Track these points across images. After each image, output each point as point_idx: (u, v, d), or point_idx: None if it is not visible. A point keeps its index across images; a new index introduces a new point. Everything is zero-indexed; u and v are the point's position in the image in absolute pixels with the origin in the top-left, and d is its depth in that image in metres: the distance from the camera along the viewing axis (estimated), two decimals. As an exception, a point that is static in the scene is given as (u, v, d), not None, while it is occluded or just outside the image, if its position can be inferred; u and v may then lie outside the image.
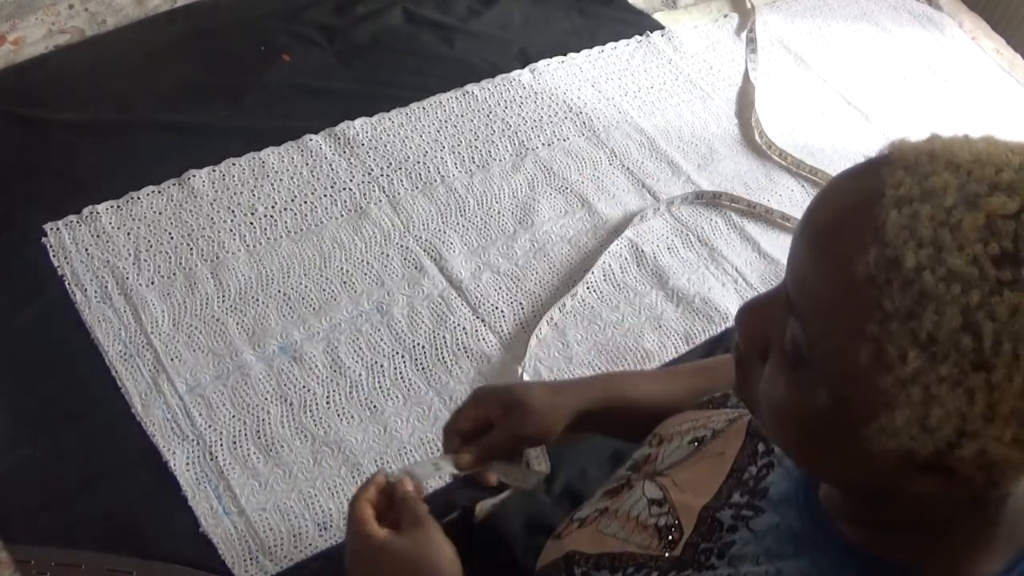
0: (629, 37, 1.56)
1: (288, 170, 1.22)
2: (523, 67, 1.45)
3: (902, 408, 0.44)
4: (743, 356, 0.54)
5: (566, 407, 0.81)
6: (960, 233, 0.42)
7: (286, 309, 1.07)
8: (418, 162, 1.27)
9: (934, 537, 0.52)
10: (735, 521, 0.62)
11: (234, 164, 1.21)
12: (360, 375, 1.03)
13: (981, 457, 0.43)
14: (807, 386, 0.48)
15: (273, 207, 1.17)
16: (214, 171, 1.19)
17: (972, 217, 0.42)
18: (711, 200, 1.32)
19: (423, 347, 1.06)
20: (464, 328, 1.09)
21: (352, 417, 0.99)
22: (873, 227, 0.43)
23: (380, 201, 1.21)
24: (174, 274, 1.08)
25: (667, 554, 0.65)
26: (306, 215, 1.17)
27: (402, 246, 1.16)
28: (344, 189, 1.21)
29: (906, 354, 0.42)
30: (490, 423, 0.79)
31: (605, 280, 1.18)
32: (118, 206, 1.13)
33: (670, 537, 0.66)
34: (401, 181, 1.24)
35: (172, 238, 1.11)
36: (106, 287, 1.05)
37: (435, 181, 1.25)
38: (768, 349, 0.52)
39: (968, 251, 0.41)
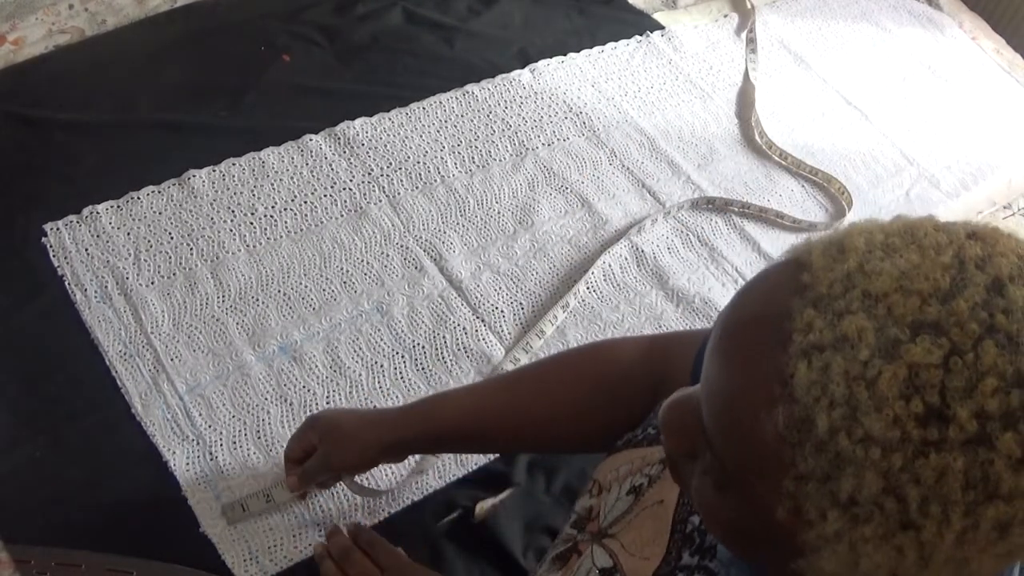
0: (629, 37, 1.56)
1: (288, 170, 1.22)
2: (523, 67, 1.45)
3: (828, 558, 0.41)
4: (670, 454, 0.51)
5: (375, 441, 0.83)
6: (877, 390, 0.37)
7: (286, 309, 1.07)
8: (418, 162, 1.27)
9: None
10: None
11: (234, 164, 1.21)
12: (360, 375, 1.03)
13: None
14: (733, 503, 0.45)
15: (273, 207, 1.17)
16: (214, 171, 1.19)
17: (891, 371, 0.37)
18: (722, 207, 1.31)
19: (423, 347, 1.07)
20: (464, 328, 1.09)
21: (352, 417, 0.99)
22: (781, 380, 0.39)
23: (380, 201, 1.21)
24: (174, 274, 1.08)
25: None
26: (306, 215, 1.17)
27: (402, 246, 1.16)
28: (344, 189, 1.21)
29: (826, 514, 0.39)
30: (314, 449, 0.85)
31: (605, 280, 1.19)
32: (118, 206, 1.13)
33: None
34: (401, 181, 1.24)
35: (172, 238, 1.12)
36: (106, 287, 1.05)
37: (435, 181, 1.25)
38: (696, 451, 0.48)
39: (887, 411, 0.37)
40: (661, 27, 1.60)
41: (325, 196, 1.20)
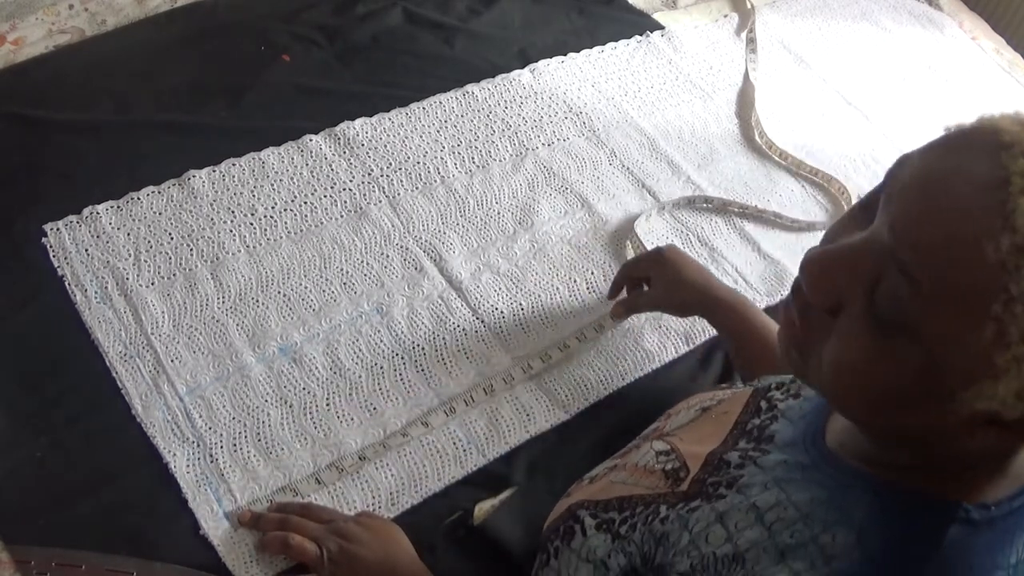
0: (629, 37, 1.56)
1: (288, 170, 1.22)
2: (523, 67, 1.45)
3: (1009, 380, 0.46)
4: (809, 310, 0.54)
5: (712, 289, 1.03)
6: None
7: (286, 310, 1.07)
8: (418, 162, 1.27)
9: (951, 474, 0.54)
10: (742, 460, 0.65)
11: (234, 164, 1.21)
12: (360, 376, 1.03)
13: None
14: (895, 348, 0.49)
15: (273, 207, 1.17)
16: (214, 171, 1.19)
17: None
18: (720, 207, 1.31)
19: (423, 348, 1.07)
20: (464, 329, 1.09)
21: (352, 419, 0.99)
22: (1003, 213, 0.45)
23: (380, 202, 1.21)
24: (174, 275, 1.08)
25: (675, 490, 0.67)
26: (306, 216, 1.17)
27: (402, 247, 1.17)
28: (344, 190, 1.21)
29: None
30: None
31: (605, 280, 1.19)
32: (118, 206, 1.13)
33: (678, 476, 0.68)
34: (401, 181, 1.24)
35: (172, 238, 1.12)
36: (106, 288, 1.05)
37: (435, 181, 1.25)
38: (841, 306, 0.52)
39: None
40: (661, 27, 1.60)
41: (325, 197, 1.20)
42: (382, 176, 1.24)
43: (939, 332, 0.47)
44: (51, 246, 1.08)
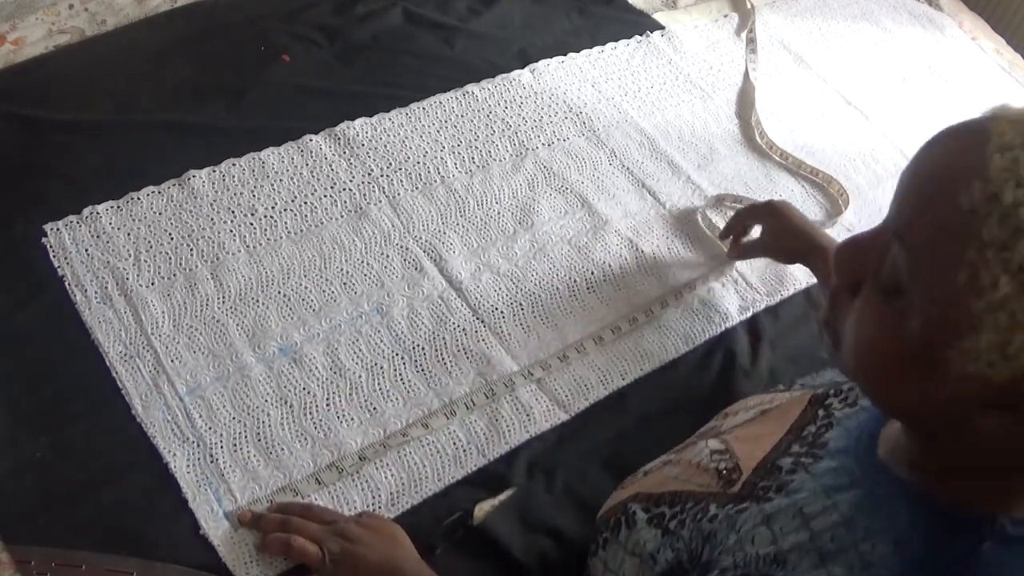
0: (629, 37, 1.56)
1: (288, 170, 1.22)
2: (523, 67, 1.45)
3: (987, 332, 0.48)
4: (836, 289, 0.59)
5: (816, 237, 1.10)
6: None
7: (286, 310, 1.07)
8: (418, 162, 1.27)
9: (998, 488, 0.55)
10: (794, 466, 0.67)
11: (234, 164, 1.21)
12: (360, 376, 1.03)
13: None
14: (899, 314, 0.52)
15: (273, 208, 1.17)
16: (214, 171, 1.19)
17: None
18: (715, 203, 1.32)
19: (423, 348, 1.07)
20: (464, 329, 1.09)
21: (352, 419, 0.99)
22: (979, 166, 0.49)
23: (380, 202, 1.21)
24: (174, 275, 1.08)
25: (726, 491, 0.69)
26: (306, 216, 1.17)
27: (402, 247, 1.16)
28: (344, 190, 1.21)
29: (998, 280, 0.47)
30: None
31: (605, 280, 1.19)
32: (118, 206, 1.13)
33: (731, 478, 0.70)
34: (401, 181, 1.24)
35: (172, 239, 1.12)
36: (106, 288, 1.05)
37: (435, 181, 1.25)
38: (861, 285, 0.56)
39: None
40: (661, 27, 1.60)
41: (325, 197, 1.20)
42: (382, 176, 1.24)
43: (923, 282, 0.51)
44: (51, 246, 1.08)
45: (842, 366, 0.60)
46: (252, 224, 1.15)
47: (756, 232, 1.21)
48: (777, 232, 1.15)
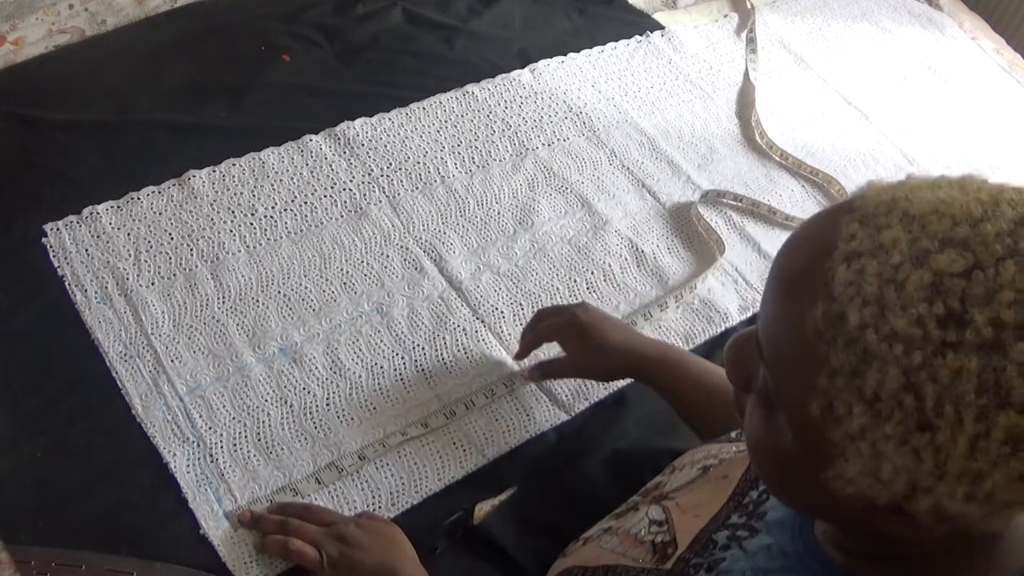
0: (629, 37, 1.56)
1: (288, 170, 1.22)
2: (523, 67, 1.45)
3: (853, 460, 0.44)
4: (733, 385, 0.56)
5: (637, 347, 0.95)
6: (904, 292, 0.41)
7: (286, 310, 1.07)
8: (418, 162, 1.27)
9: (925, 569, 0.51)
10: (729, 541, 0.63)
11: (234, 164, 1.21)
12: (360, 377, 1.03)
13: (938, 511, 0.43)
14: (777, 427, 0.49)
15: (273, 208, 1.17)
16: (214, 171, 1.19)
17: (918, 275, 0.41)
18: (713, 200, 1.32)
19: (423, 348, 1.07)
20: (464, 329, 1.09)
21: (352, 419, 0.99)
22: (823, 281, 0.44)
23: (380, 202, 1.21)
24: (174, 275, 1.08)
25: (659, 567, 0.66)
26: (306, 216, 1.17)
27: (402, 247, 1.16)
28: (344, 190, 1.21)
29: (852, 410, 0.43)
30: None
31: (605, 280, 1.19)
32: (118, 206, 1.13)
33: (666, 552, 0.67)
34: (401, 181, 1.24)
35: (172, 239, 1.11)
36: (106, 288, 1.05)
37: (435, 181, 1.25)
38: (751, 383, 0.53)
39: (912, 311, 0.41)
40: (661, 27, 1.60)
41: (325, 197, 1.20)
42: (382, 176, 1.24)
43: (785, 406, 0.47)
44: (51, 246, 1.08)
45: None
46: (252, 224, 1.15)
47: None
48: (587, 350, 0.96)
